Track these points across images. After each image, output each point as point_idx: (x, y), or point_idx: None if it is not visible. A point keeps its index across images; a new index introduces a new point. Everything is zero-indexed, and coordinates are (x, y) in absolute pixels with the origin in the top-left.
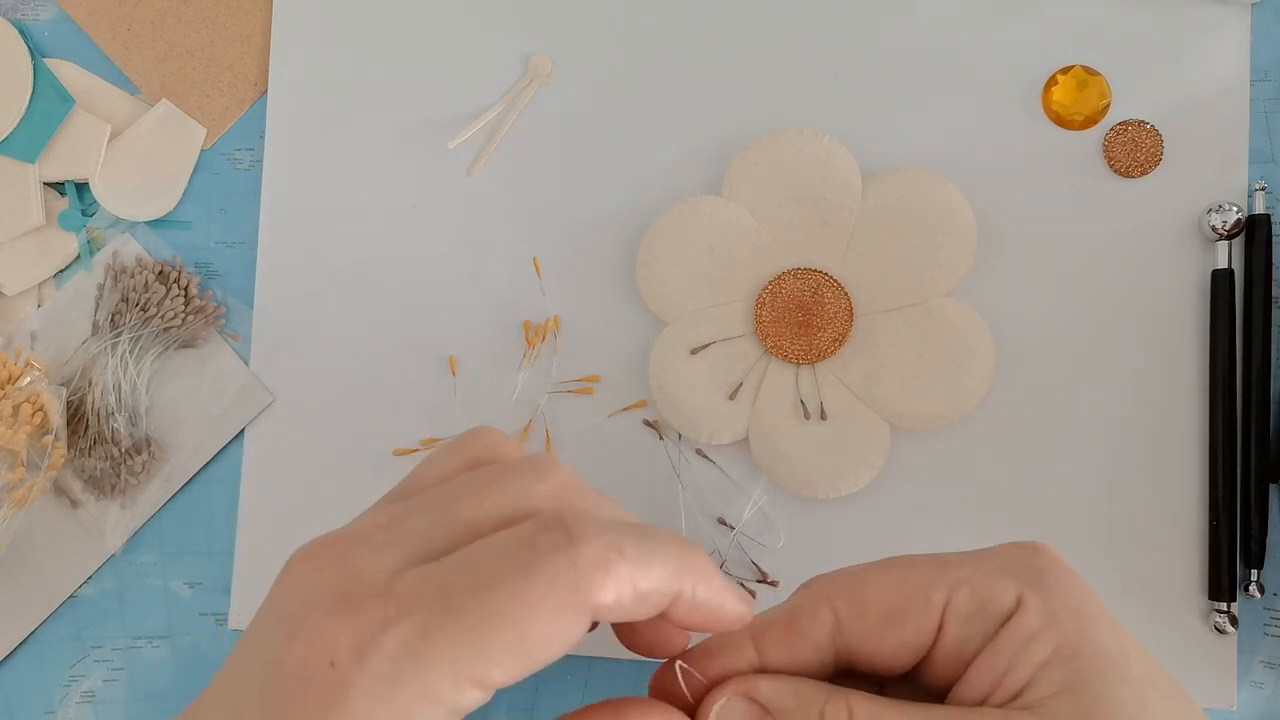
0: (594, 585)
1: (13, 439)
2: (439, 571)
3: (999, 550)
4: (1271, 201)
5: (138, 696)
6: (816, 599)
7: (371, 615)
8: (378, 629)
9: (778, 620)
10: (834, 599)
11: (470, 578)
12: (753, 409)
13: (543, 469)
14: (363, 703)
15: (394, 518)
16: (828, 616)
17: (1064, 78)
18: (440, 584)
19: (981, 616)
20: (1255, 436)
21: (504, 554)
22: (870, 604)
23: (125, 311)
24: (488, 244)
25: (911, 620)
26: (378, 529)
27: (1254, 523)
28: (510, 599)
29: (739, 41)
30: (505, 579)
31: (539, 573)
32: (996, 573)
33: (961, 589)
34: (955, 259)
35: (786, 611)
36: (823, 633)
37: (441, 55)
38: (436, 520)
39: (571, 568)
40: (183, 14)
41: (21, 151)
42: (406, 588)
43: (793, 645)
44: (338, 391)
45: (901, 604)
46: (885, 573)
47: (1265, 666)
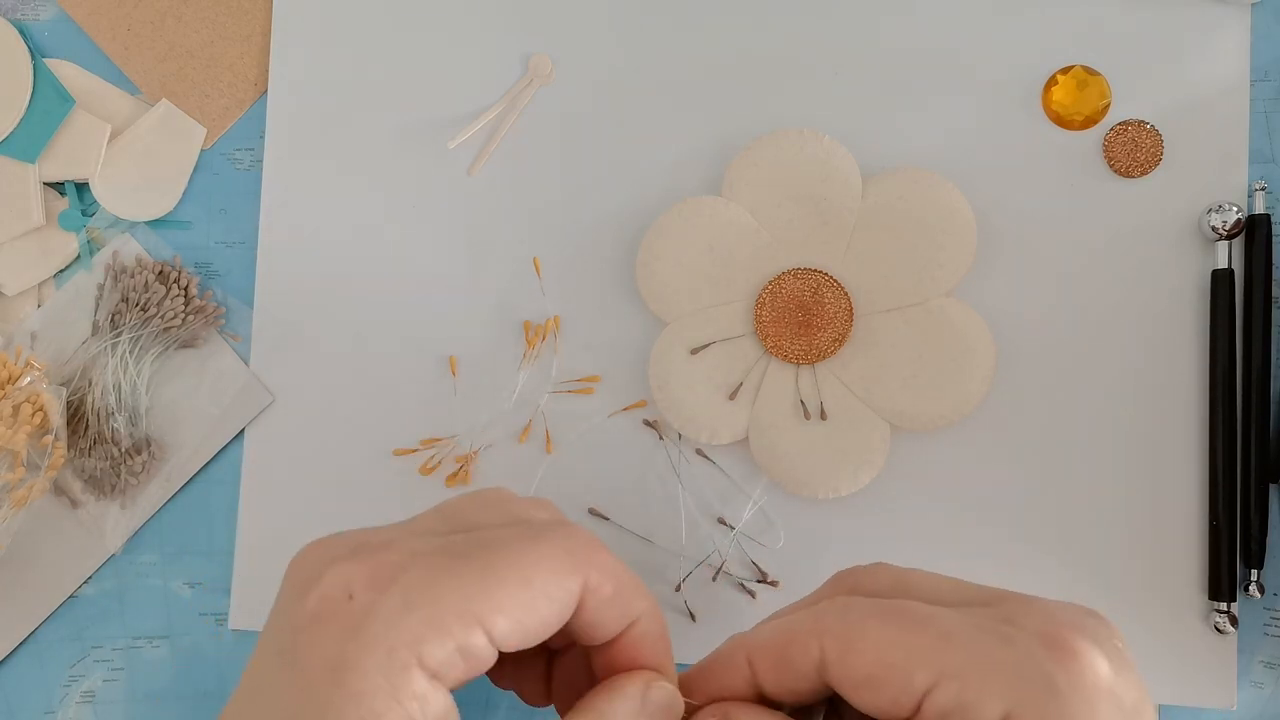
0: (589, 556)
1: (13, 439)
2: (448, 537)
3: (1020, 636)
4: (1271, 201)
5: (138, 696)
6: (810, 632)
7: (385, 558)
8: (394, 568)
9: (772, 647)
10: (826, 638)
11: (480, 538)
12: (753, 409)
13: (547, 505)
14: (379, 626)
15: (401, 523)
16: (815, 653)
17: (1064, 78)
18: (451, 545)
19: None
20: (1255, 436)
21: (510, 529)
22: (855, 658)
23: (125, 311)
24: (488, 244)
25: (887, 692)
26: (384, 530)
27: (1254, 523)
28: (518, 554)
29: (739, 41)
30: (512, 543)
31: (543, 537)
32: (994, 674)
33: (947, 684)
34: (955, 259)
35: (784, 635)
36: (810, 667)
37: (441, 55)
38: (438, 520)
39: (570, 537)
40: (183, 14)
41: (21, 151)
42: (417, 543)
43: (783, 674)
44: (338, 391)
45: (882, 672)
46: (882, 627)
47: (1265, 666)
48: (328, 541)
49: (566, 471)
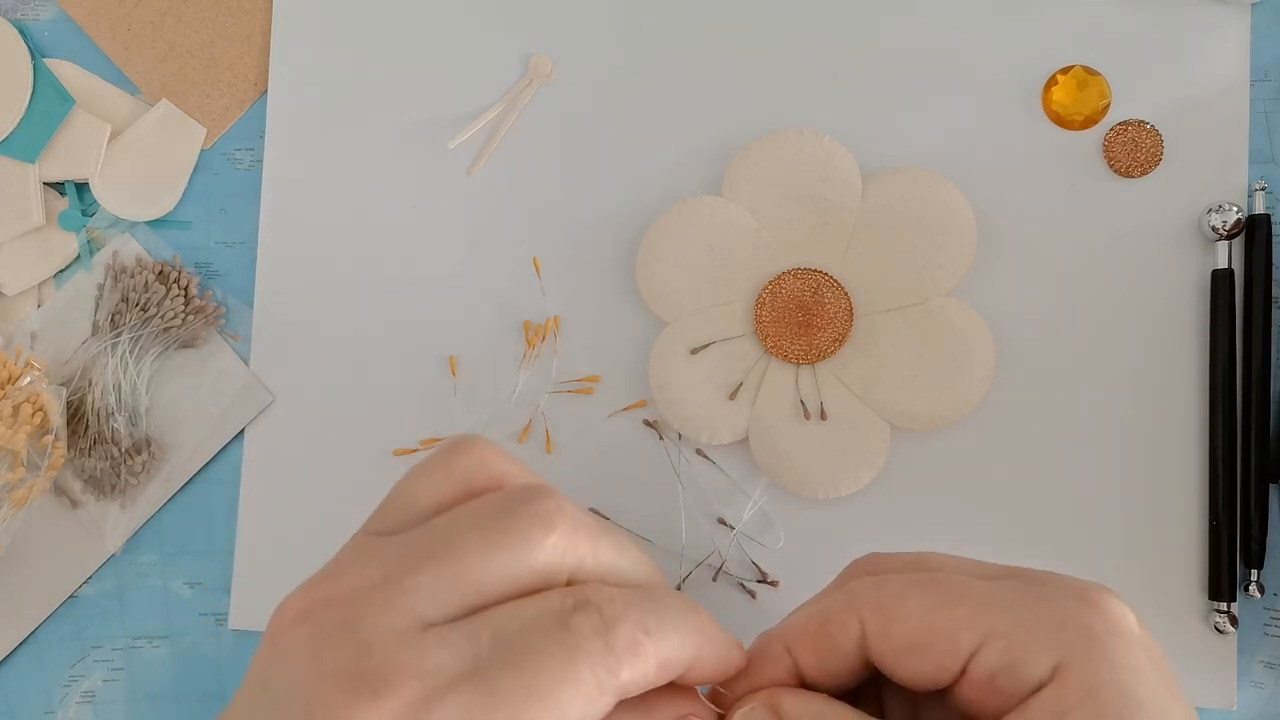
0: (625, 668)
1: (13, 439)
2: (468, 645)
3: (1055, 594)
4: (1271, 201)
5: (138, 696)
6: (847, 608)
7: (404, 697)
8: (418, 711)
9: (809, 629)
10: (864, 610)
11: (506, 656)
12: (753, 409)
13: (549, 516)
14: None
15: (390, 571)
16: (855, 629)
17: (1064, 78)
18: (473, 661)
19: (1010, 678)
20: (1255, 436)
21: (538, 632)
22: (896, 626)
23: (125, 311)
24: (488, 244)
25: (932, 657)
26: (374, 586)
27: (1254, 523)
28: (553, 683)
29: (739, 41)
30: (545, 661)
31: (579, 657)
32: (1039, 630)
33: (995, 642)
34: (955, 259)
35: (818, 618)
36: (850, 643)
37: (441, 55)
38: (441, 579)
39: (608, 652)
40: (183, 14)
41: (21, 151)
42: (436, 665)
43: (824, 654)
44: (338, 391)
45: (925, 637)
46: (922, 596)
47: (1265, 666)
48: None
49: (566, 471)
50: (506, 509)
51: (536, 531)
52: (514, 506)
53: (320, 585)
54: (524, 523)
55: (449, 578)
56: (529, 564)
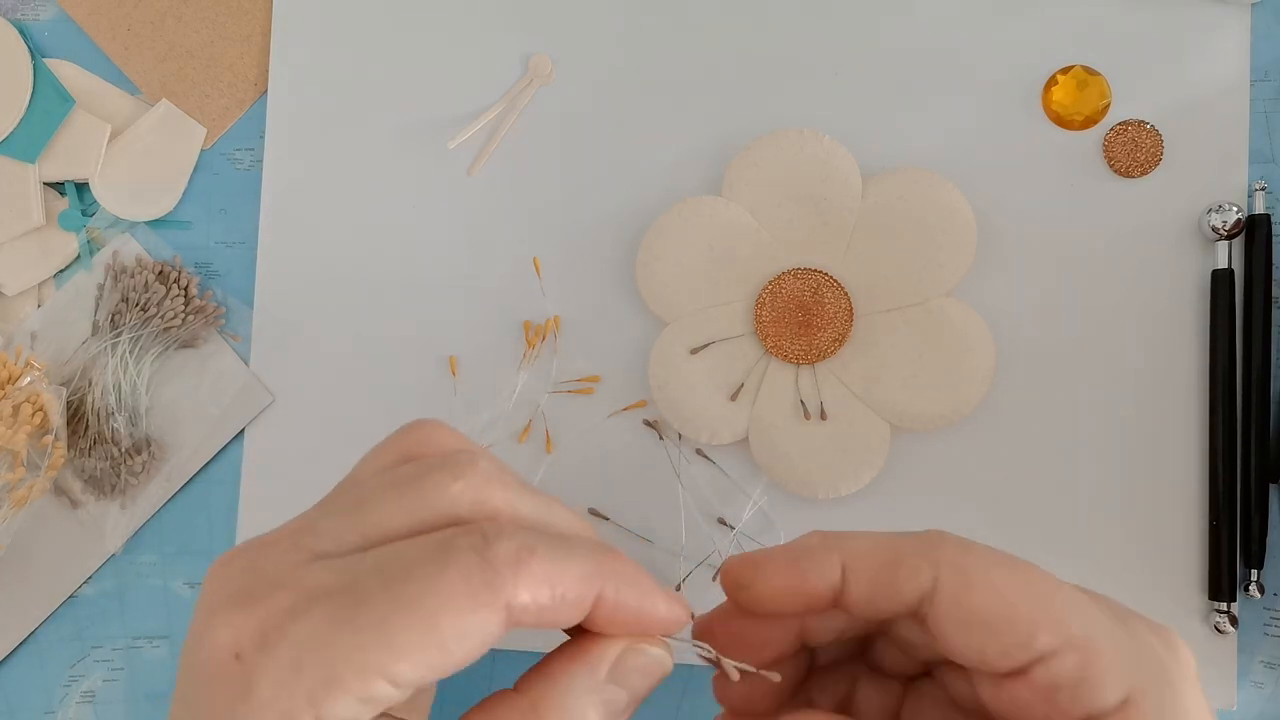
0: (507, 581)
1: (13, 439)
2: (348, 565)
3: (1138, 627)
4: (1271, 201)
5: (138, 696)
6: (925, 556)
7: (275, 605)
8: (283, 618)
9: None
10: (944, 566)
11: (381, 571)
12: (753, 409)
13: (459, 466)
14: (269, 691)
15: (309, 521)
16: (926, 580)
17: (1064, 78)
18: (349, 577)
19: (1073, 696)
20: (1255, 436)
21: (417, 550)
22: (974, 595)
23: (125, 311)
24: (488, 244)
25: (1000, 642)
26: (290, 533)
27: (1254, 523)
28: (421, 591)
29: (739, 41)
30: (416, 572)
31: (451, 566)
32: (1120, 656)
33: (1071, 652)
34: (955, 259)
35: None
36: (913, 593)
37: (441, 55)
38: (348, 522)
39: (484, 564)
40: (183, 14)
41: (21, 151)
42: (314, 580)
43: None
44: (338, 391)
45: (1001, 619)
46: (1010, 573)
47: (1265, 666)
48: (228, 566)
49: (566, 471)
50: (423, 464)
51: (443, 478)
52: (429, 462)
53: (251, 539)
54: (433, 472)
55: (354, 522)
56: (432, 506)
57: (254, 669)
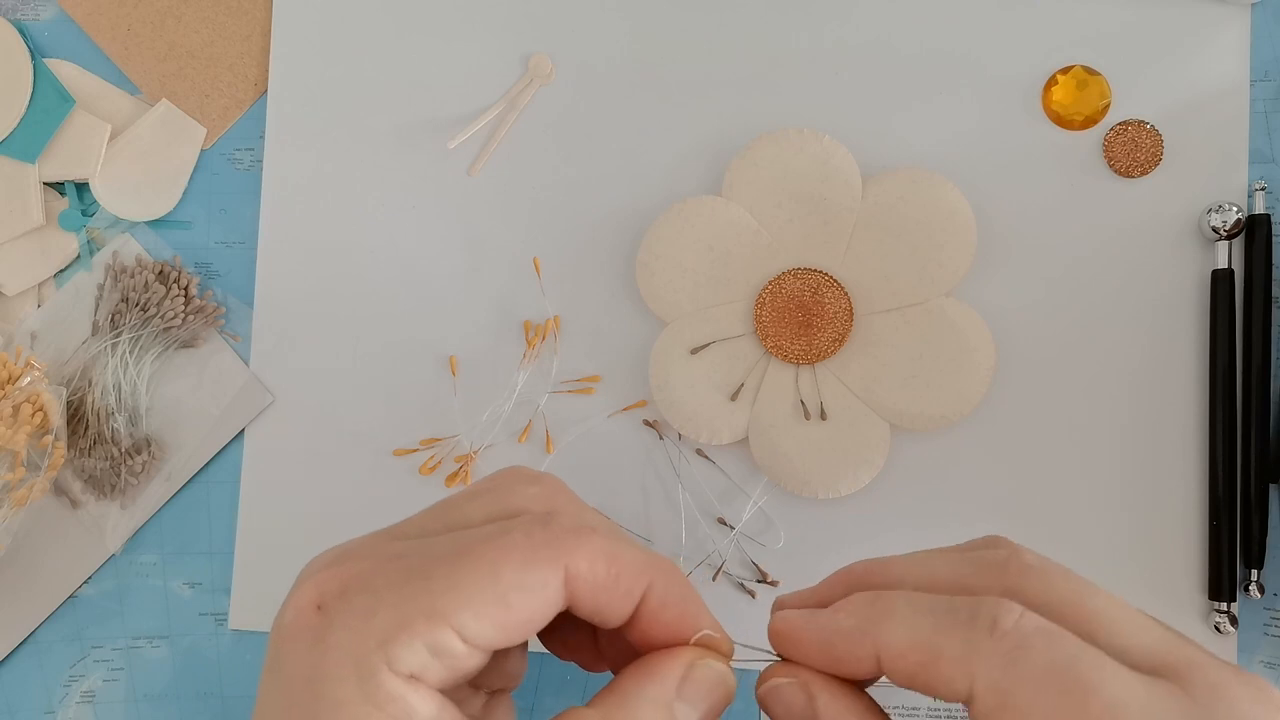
0: (567, 545)
1: (13, 439)
2: (425, 538)
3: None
4: (1271, 201)
5: (138, 696)
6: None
7: (356, 566)
8: (364, 572)
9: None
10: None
11: (453, 538)
12: (753, 409)
13: (535, 475)
14: (343, 634)
15: (397, 525)
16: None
17: (1064, 78)
18: (426, 546)
19: None
20: (1255, 436)
21: (492, 526)
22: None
23: (125, 311)
24: (488, 244)
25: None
26: (379, 531)
27: (1254, 523)
28: (486, 546)
29: (739, 42)
30: (483, 533)
31: (516, 528)
32: None
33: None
34: (955, 259)
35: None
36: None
37: (441, 55)
38: (430, 516)
39: (545, 528)
40: (183, 14)
41: (21, 151)
42: (394, 550)
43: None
44: (338, 391)
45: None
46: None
47: (1265, 666)
48: (325, 553)
49: (566, 471)
50: (505, 479)
51: (520, 482)
52: (509, 471)
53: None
54: (512, 476)
55: (434, 515)
56: (505, 505)
57: (332, 615)
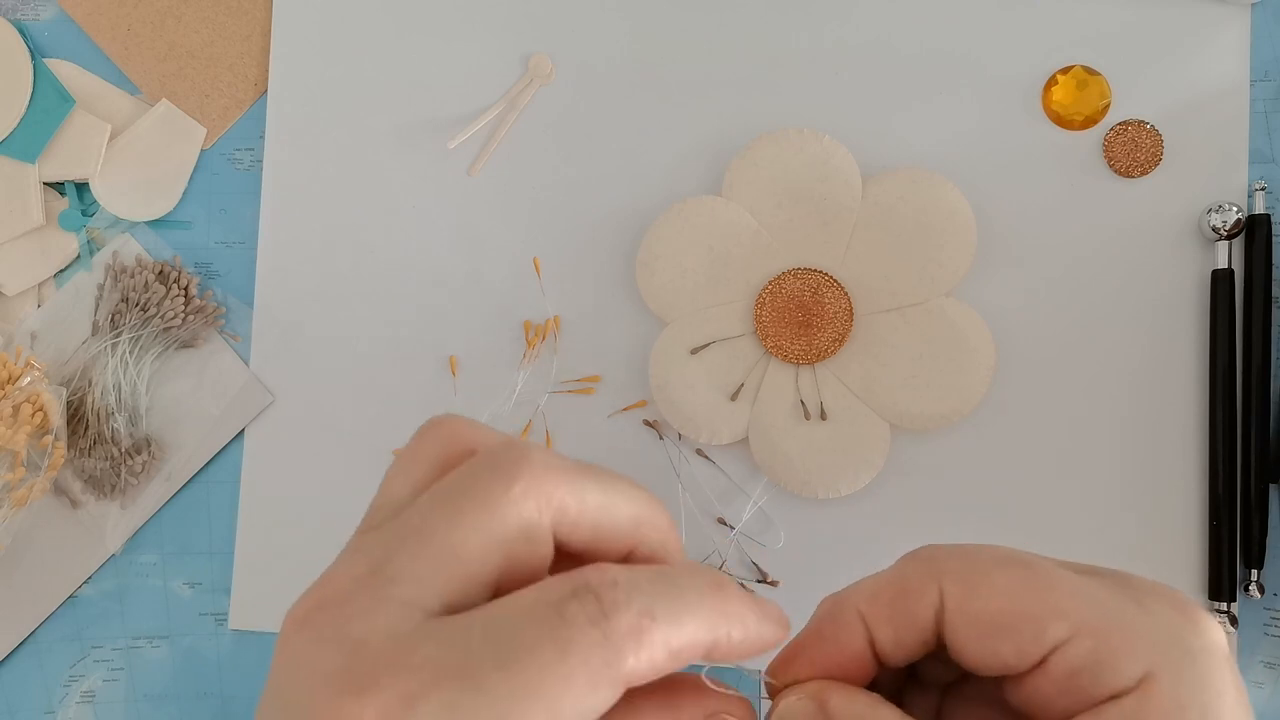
0: (628, 658)
1: (13, 439)
2: (459, 638)
3: (1149, 601)
4: (1271, 201)
5: (138, 696)
6: (927, 575)
7: (392, 692)
8: (403, 707)
9: (886, 595)
10: (946, 579)
11: (496, 649)
12: (753, 409)
13: (508, 466)
14: None
15: (374, 564)
16: (934, 597)
17: (1064, 78)
18: (462, 655)
19: (1092, 679)
20: (1255, 436)
21: (530, 623)
22: (981, 602)
23: (125, 311)
24: (488, 244)
25: (1014, 641)
26: (360, 583)
27: (1254, 523)
28: (543, 676)
29: (739, 41)
30: (535, 653)
31: (573, 650)
32: (1134, 635)
33: (1084, 639)
34: (955, 259)
35: (896, 583)
36: (928, 614)
37: (441, 55)
38: (417, 559)
39: (605, 643)
40: (183, 14)
41: (21, 151)
42: (424, 660)
43: (899, 624)
44: (338, 391)
45: (1011, 619)
46: (1010, 573)
47: (1265, 666)
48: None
49: None
50: (470, 472)
51: (497, 486)
52: (476, 469)
53: (316, 589)
54: (484, 480)
55: (425, 556)
56: (499, 521)
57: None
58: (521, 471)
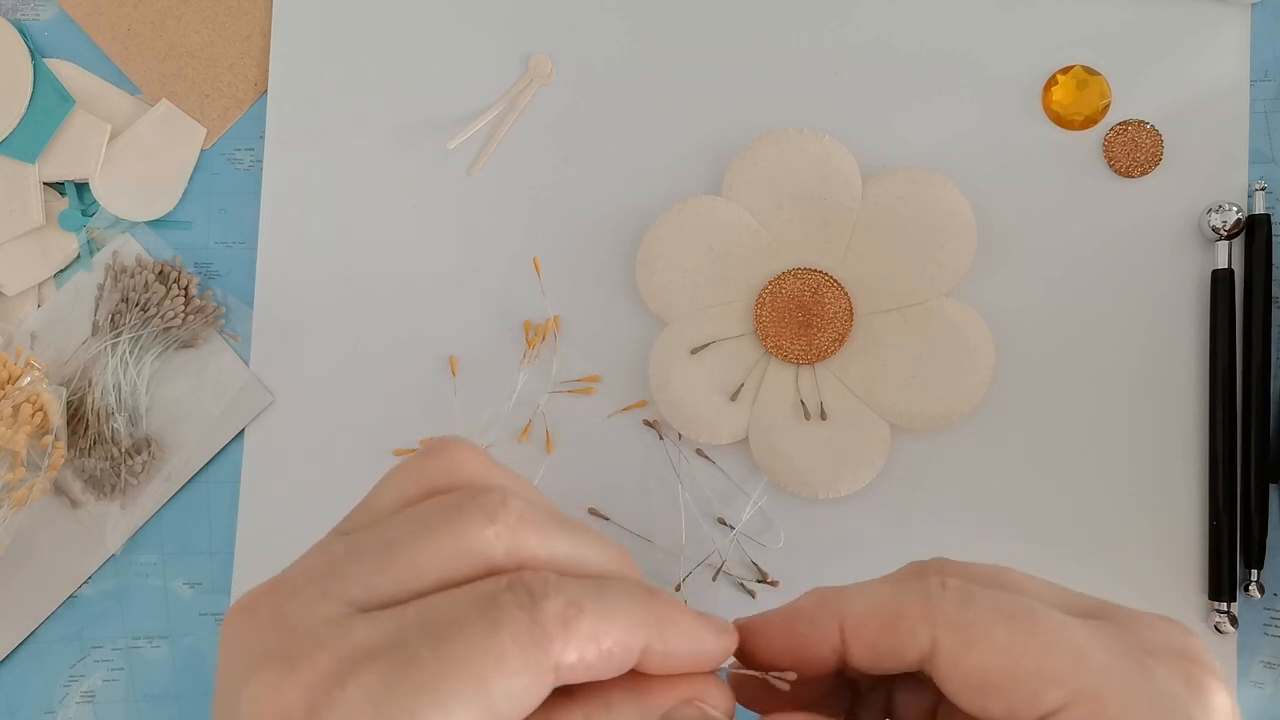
0: (555, 641)
1: (13, 439)
2: (391, 621)
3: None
4: (1271, 201)
5: (138, 696)
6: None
7: (322, 670)
8: (331, 683)
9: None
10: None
11: (427, 630)
12: (753, 409)
13: (490, 507)
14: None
15: (331, 564)
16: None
17: (1064, 78)
18: (395, 635)
19: None
20: (1255, 436)
21: (463, 608)
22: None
23: (125, 311)
24: (488, 244)
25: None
26: (313, 578)
27: (1254, 523)
28: (472, 651)
29: (739, 41)
30: (465, 631)
31: (501, 627)
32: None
33: (1081, 706)
34: (955, 259)
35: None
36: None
37: (441, 55)
38: (377, 565)
39: (534, 625)
40: (183, 14)
41: (21, 151)
42: (357, 640)
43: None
44: (338, 391)
45: (1006, 680)
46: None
47: (1265, 666)
48: (253, 615)
49: (566, 471)
50: (454, 502)
51: (476, 521)
52: (461, 500)
53: (269, 582)
54: (465, 514)
55: (384, 564)
56: (466, 552)
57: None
58: (499, 516)
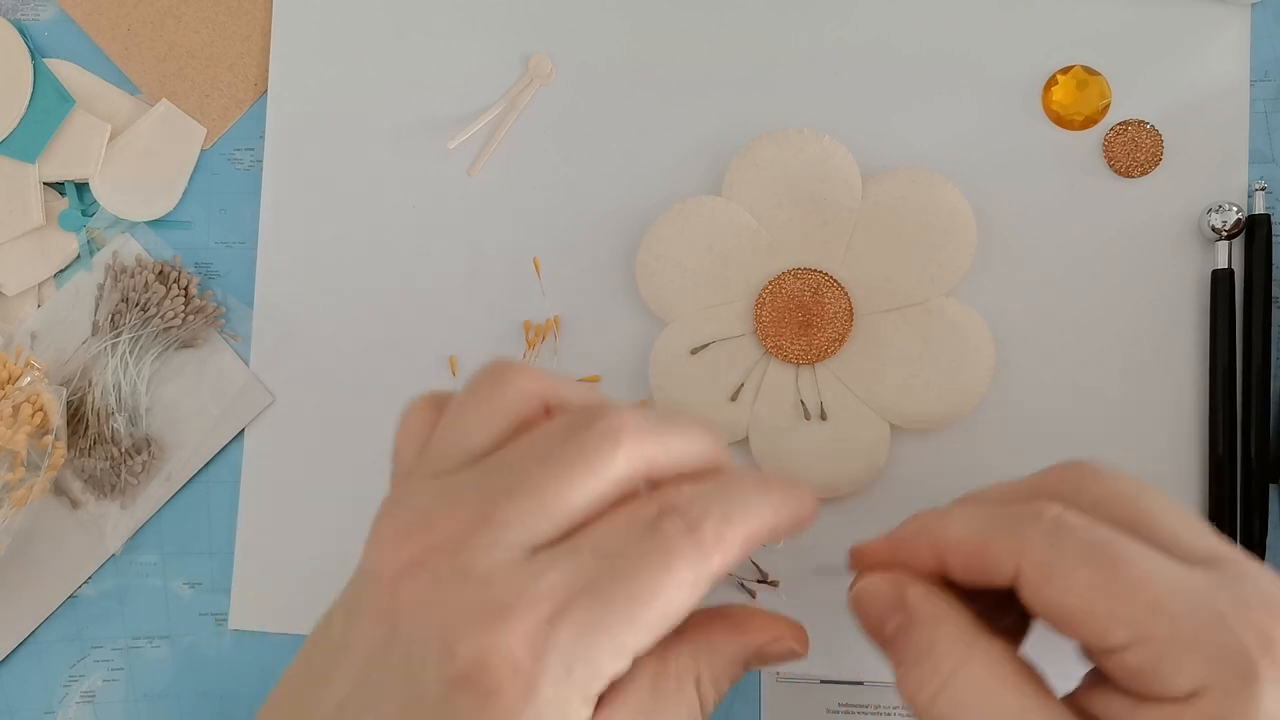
0: (714, 558)
1: (13, 439)
2: (574, 564)
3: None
4: (1271, 201)
5: (138, 696)
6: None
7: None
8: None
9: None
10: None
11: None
12: (753, 409)
13: (611, 432)
14: (550, 691)
15: (480, 512)
16: (1010, 569)
17: (1064, 78)
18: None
19: (1144, 682)
20: (1255, 436)
21: (633, 541)
22: (1054, 593)
23: (125, 311)
24: (488, 244)
25: (1077, 632)
26: (470, 528)
27: (1254, 523)
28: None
29: (739, 41)
30: (646, 568)
31: (675, 559)
32: (1197, 650)
33: (1145, 646)
34: (955, 259)
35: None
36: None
37: (441, 55)
38: (531, 508)
39: (698, 548)
40: (183, 14)
41: (21, 151)
42: (550, 585)
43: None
44: (338, 391)
45: (1079, 616)
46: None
47: None
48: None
49: None
50: (572, 435)
51: (605, 449)
52: (577, 432)
53: (414, 535)
54: (592, 445)
55: (535, 510)
56: (607, 479)
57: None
58: (625, 437)
